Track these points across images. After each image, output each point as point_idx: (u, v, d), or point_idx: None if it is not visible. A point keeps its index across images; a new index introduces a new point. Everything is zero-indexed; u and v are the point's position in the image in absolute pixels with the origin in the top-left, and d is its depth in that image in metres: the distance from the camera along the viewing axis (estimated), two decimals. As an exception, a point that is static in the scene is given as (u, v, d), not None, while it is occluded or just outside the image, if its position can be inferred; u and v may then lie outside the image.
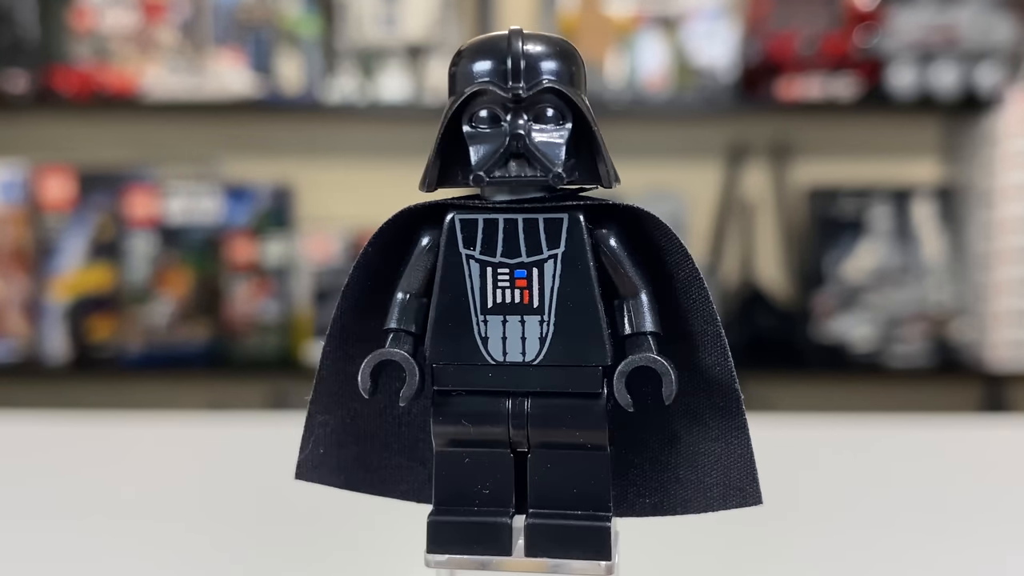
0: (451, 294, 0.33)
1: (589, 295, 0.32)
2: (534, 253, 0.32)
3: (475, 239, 0.32)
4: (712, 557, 0.55)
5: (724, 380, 0.33)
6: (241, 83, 1.96)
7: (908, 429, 0.86)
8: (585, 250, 0.32)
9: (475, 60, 0.32)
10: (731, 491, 0.34)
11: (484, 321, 0.32)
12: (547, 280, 0.32)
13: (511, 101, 0.31)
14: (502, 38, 0.32)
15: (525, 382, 0.33)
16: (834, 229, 2.07)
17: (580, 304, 0.32)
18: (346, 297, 0.34)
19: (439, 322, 0.33)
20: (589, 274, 0.32)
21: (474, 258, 0.32)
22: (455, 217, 0.33)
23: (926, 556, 0.56)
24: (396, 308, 0.33)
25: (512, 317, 0.32)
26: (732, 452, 0.34)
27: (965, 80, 1.94)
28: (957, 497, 0.66)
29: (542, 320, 0.32)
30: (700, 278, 0.33)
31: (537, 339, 0.32)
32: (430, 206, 0.34)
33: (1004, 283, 1.93)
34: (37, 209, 2.01)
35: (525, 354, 0.33)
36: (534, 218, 0.32)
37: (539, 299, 0.32)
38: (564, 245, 0.32)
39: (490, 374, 0.33)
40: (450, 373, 0.33)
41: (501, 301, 0.32)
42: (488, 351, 0.33)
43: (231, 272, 2.02)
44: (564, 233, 0.32)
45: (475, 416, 0.33)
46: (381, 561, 0.54)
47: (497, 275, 0.32)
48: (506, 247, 0.32)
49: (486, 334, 0.33)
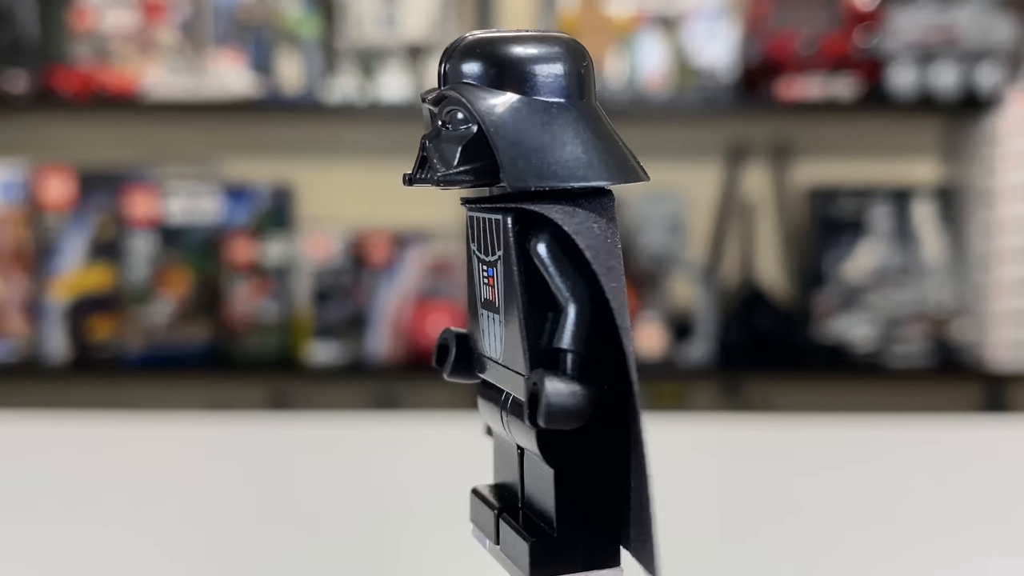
0: (471, 286, 0.34)
1: (516, 302, 0.31)
2: (491, 252, 0.32)
3: (473, 235, 0.33)
4: (712, 557, 0.55)
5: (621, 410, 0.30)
6: (241, 83, 1.96)
7: (908, 429, 0.86)
8: (513, 254, 0.31)
9: None
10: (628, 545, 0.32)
11: (481, 314, 0.34)
12: (498, 280, 0.32)
13: (431, 105, 0.32)
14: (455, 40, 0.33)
15: (499, 378, 0.34)
16: (834, 229, 2.07)
17: (514, 309, 0.32)
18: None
19: (469, 311, 0.35)
20: (514, 279, 0.31)
21: (475, 252, 0.34)
22: (467, 213, 0.35)
23: (926, 556, 0.56)
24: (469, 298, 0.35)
25: (490, 313, 0.33)
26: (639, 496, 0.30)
27: (965, 80, 1.94)
28: (957, 497, 0.66)
29: (501, 320, 0.32)
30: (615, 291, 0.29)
31: (499, 338, 0.33)
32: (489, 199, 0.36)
33: (1004, 283, 1.93)
34: (37, 209, 2.01)
35: (496, 351, 0.33)
36: (488, 218, 0.33)
37: (497, 299, 0.33)
38: (502, 248, 0.31)
39: (488, 366, 0.34)
40: (477, 359, 0.36)
41: (485, 297, 0.33)
42: (484, 343, 0.34)
43: (231, 272, 2.02)
44: (502, 236, 0.32)
45: (485, 405, 0.35)
46: (381, 562, 0.54)
47: (482, 271, 0.33)
48: (480, 244, 0.33)
49: (483, 327, 0.34)
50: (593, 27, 1.97)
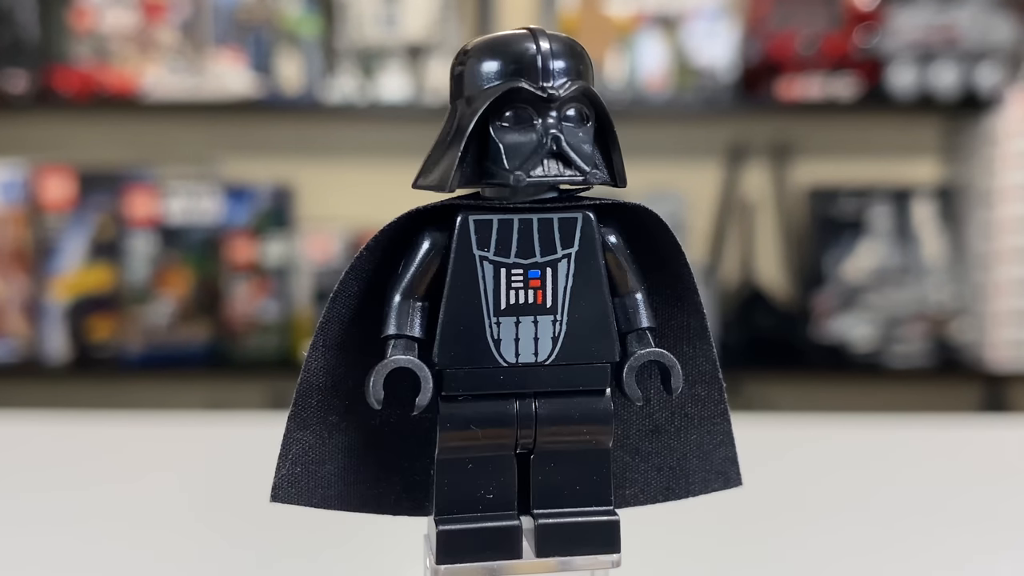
0: (463, 297, 0.32)
1: (600, 293, 0.32)
2: (548, 253, 0.32)
3: (489, 240, 0.32)
4: (711, 557, 0.55)
5: (708, 370, 0.34)
6: (241, 83, 1.96)
7: (908, 429, 0.86)
8: (597, 249, 0.32)
9: (495, 59, 0.31)
10: (712, 475, 0.35)
11: (497, 323, 0.32)
12: (560, 279, 0.32)
13: (544, 101, 0.31)
14: (524, 36, 0.32)
15: (535, 382, 0.33)
16: (834, 229, 2.07)
17: (592, 302, 0.32)
18: (335, 304, 0.33)
19: (450, 326, 0.32)
20: (601, 272, 0.32)
21: (488, 259, 0.32)
22: (468, 218, 0.32)
23: (926, 556, 0.56)
24: (394, 313, 0.32)
25: (525, 318, 0.32)
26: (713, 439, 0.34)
27: (965, 80, 1.94)
28: (957, 497, 0.66)
29: (555, 319, 0.32)
30: (690, 273, 0.33)
31: (550, 338, 0.32)
32: (439, 207, 0.33)
33: (1004, 283, 1.93)
34: (37, 209, 2.01)
35: (538, 354, 0.32)
36: (549, 218, 0.32)
37: (552, 299, 0.32)
38: (578, 244, 0.32)
39: (501, 376, 0.32)
40: (460, 378, 0.32)
41: (515, 302, 0.32)
42: (500, 353, 0.33)
43: (231, 272, 2.02)
44: (578, 232, 0.32)
45: (484, 420, 0.32)
46: (380, 562, 0.54)
47: (511, 276, 0.32)
48: (520, 247, 0.32)
49: (499, 336, 0.32)
50: (593, 27, 1.97)
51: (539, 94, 0.31)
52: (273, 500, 0.32)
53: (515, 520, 0.33)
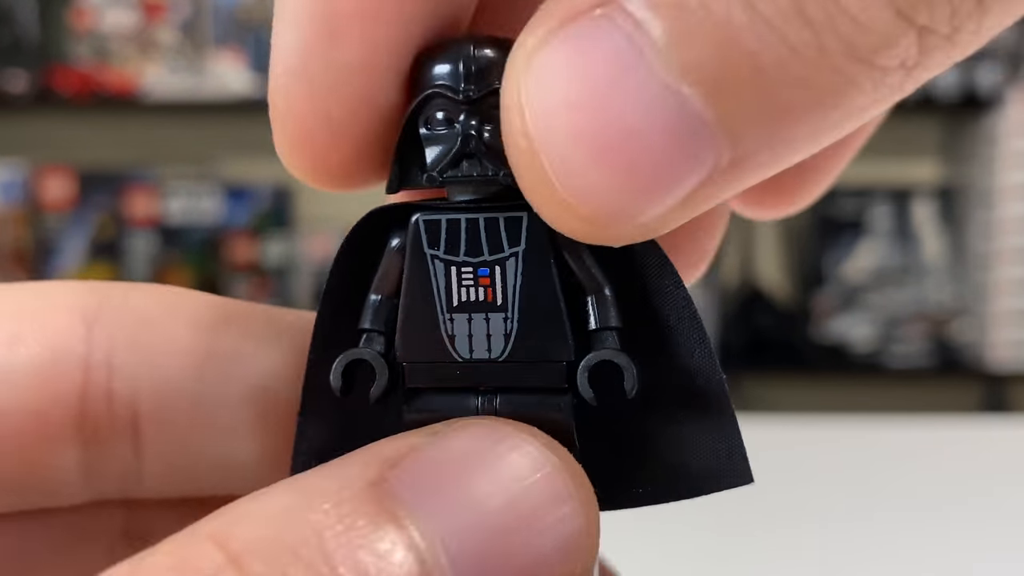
0: (417, 294, 0.33)
1: (550, 291, 0.33)
2: (496, 251, 0.32)
3: (439, 239, 0.33)
4: (711, 557, 0.55)
5: (703, 365, 0.34)
6: (241, 83, 1.96)
7: (908, 429, 0.86)
8: (544, 247, 0.32)
9: (427, 66, 0.33)
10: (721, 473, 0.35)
11: (450, 319, 0.33)
12: (509, 277, 0.33)
13: (463, 103, 0.32)
14: (458, 41, 0.33)
15: (491, 378, 0.33)
16: (834, 229, 2.07)
17: (542, 300, 0.33)
18: (323, 302, 0.34)
19: (407, 321, 0.34)
20: (550, 270, 0.32)
21: (438, 258, 0.33)
22: (419, 218, 0.34)
23: (926, 555, 0.56)
24: (369, 309, 0.34)
25: (477, 315, 0.33)
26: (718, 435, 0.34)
27: (965, 80, 1.94)
28: (957, 497, 0.66)
29: (506, 317, 0.33)
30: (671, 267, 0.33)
31: (502, 336, 0.33)
32: (398, 207, 0.34)
33: (1004, 283, 1.93)
34: (37, 209, 2.01)
35: (491, 351, 0.33)
36: (495, 217, 0.33)
37: (502, 296, 0.33)
38: (524, 243, 0.32)
39: (458, 372, 0.34)
40: (420, 371, 0.34)
41: (466, 299, 0.33)
42: (455, 349, 0.34)
43: (231, 272, 2.02)
44: (524, 231, 0.32)
45: (445, 412, 0.33)
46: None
47: (461, 274, 0.33)
48: (469, 246, 0.33)
49: (452, 332, 0.33)
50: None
51: (454, 97, 0.32)
52: None
53: None
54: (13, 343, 0.21)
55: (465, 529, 0.18)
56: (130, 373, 0.22)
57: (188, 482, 0.23)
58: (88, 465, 0.22)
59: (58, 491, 0.22)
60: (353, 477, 0.19)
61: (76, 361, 0.22)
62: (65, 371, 0.21)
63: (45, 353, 0.21)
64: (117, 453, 0.22)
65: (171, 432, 0.22)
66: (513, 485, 0.20)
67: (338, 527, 0.16)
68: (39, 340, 0.21)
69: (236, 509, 0.17)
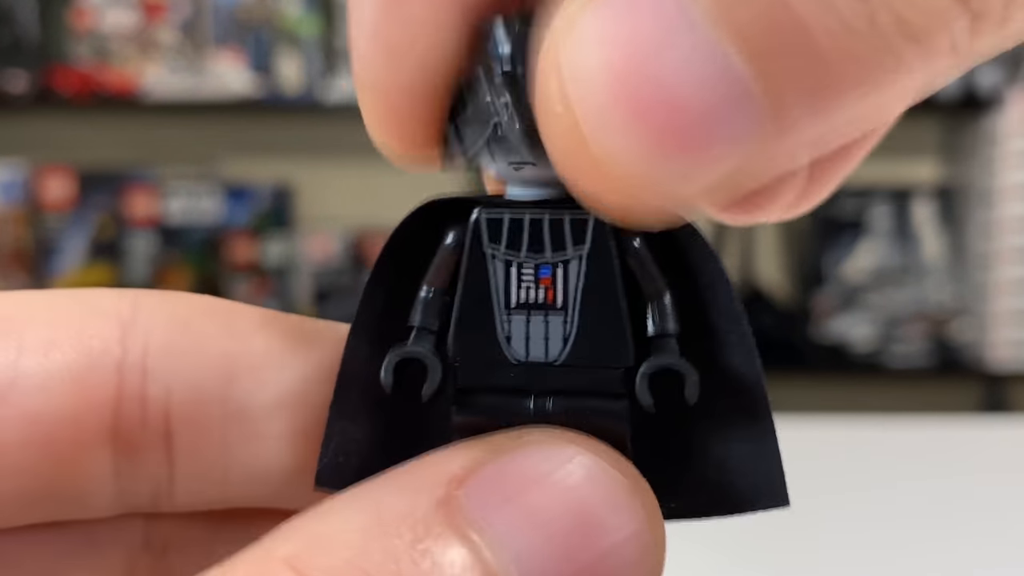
0: (474, 291, 0.33)
1: (613, 295, 0.32)
2: (559, 251, 0.32)
3: (500, 236, 0.32)
4: (711, 557, 0.55)
5: (751, 380, 0.33)
6: (241, 83, 1.96)
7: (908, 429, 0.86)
8: (610, 250, 0.32)
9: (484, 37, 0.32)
10: (758, 493, 0.34)
11: (507, 320, 0.32)
12: (571, 279, 0.32)
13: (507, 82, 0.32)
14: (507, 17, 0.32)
15: (547, 381, 0.33)
16: (834, 229, 2.07)
17: (604, 304, 0.32)
18: (368, 293, 0.33)
19: (462, 320, 0.33)
20: (613, 274, 0.32)
21: (498, 256, 0.32)
22: (481, 214, 0.33)
23: (926, 556, 0.56)
24: (420, 305, 0.33)
25: (535, 316, 0.32)
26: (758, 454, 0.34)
27: (965, 80, 1.94)
28: (957, 497, 0.66)
29: (565, 320, 0.32)
30: (726, 278, 0.33)
31: (560, 338, 0.32)
32: (453, 201, 0.34)
33: (1004, 283, 1.93)
34: (37, 209, 2.01)
35: (548, 353, 0.33)
36: (560, 217, 0.32)
37: (563, 298, 0.32)
38: (590, 244, 0.32)
39: (512, 373, 0.33)
40: (473, 371, 0.33)
41: (524, 300, 0.32)
42: (511, 349, 0.33)
43: (231, 272, 2.02)
44: (590, 232, 0.32)
45: (496, 413, 0.33)
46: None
47: (521, 273, 0.32)
48: (531, 245, 0.32)
49: (509, 332, 0.33)
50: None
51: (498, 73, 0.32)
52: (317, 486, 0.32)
53: None
54: (49, 349, 0.21)
55: (535, 550, 0.18)
56: (164, 377, 0.22)
57: (217, 492, 0.23)
58: (120, 473, 0.22)
59: (89, 502, 0.22)
60: (422, 494, 0.19)
61: (111, 365, 0.21)
62: (100, 376, 0.21)
63: (81, 359, 0.21)
64: (149, 461, 0.22)
65: (203, 439, 0.22)
66: (581, 504, 0.20)
67: (414, 554, 0.17)
68: (74, 346, 0.21)
69: (307, 530, 0.17)
